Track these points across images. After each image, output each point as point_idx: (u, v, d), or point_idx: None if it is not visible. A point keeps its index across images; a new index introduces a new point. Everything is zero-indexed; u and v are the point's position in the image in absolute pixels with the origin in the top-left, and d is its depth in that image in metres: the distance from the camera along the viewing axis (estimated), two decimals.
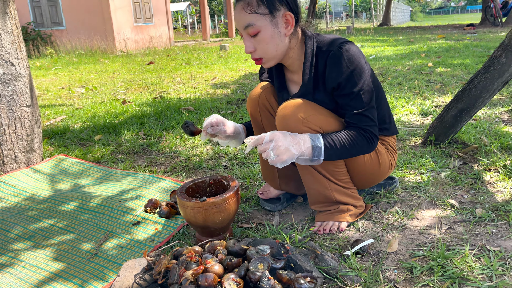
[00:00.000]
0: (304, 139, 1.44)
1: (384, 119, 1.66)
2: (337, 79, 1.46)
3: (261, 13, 1.42)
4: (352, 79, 1.45)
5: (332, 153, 1.47)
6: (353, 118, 1.49)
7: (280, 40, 1.47)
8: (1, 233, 1.77)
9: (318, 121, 1.50)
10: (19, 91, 2.30)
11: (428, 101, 3.53)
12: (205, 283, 1.07)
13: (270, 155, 1.38)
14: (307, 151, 1.43)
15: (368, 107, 1.48)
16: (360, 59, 1.47)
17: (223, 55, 9.30)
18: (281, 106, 1.54)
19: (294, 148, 1.41)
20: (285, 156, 1.40)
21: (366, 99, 1.48)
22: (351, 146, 1.48)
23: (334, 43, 1.47)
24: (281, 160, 1.40)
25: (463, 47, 7.35)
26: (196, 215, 1.48)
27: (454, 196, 1.82)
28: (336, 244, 1.54)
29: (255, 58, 1.51)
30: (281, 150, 1.39)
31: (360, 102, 1.47)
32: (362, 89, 1.46)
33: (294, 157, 1.42)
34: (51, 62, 9.21)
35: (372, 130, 1.50)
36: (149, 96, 4.74)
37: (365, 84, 1.47)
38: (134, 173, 2.29)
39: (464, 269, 1.31)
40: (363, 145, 1.49)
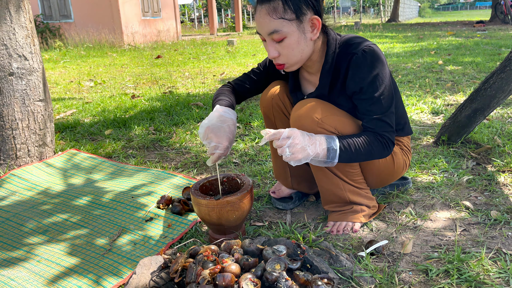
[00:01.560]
0: (321, 141, 1.42)
1: (399, 120, 1.65)
2: (360, 83, 1.43)
3: (288, 19, 1.36)
4: (374, 84, 1.42)
5: (347, 157, 1.45)
6: (371, 123, 1.47)
7: (305, 45, 1.43)
8: (16, 227, 1.79)
9: (334, 122, 1.49)
10: (32, 86, 2.30)
11: (439, 99, 3.51)
12: (223, 283, 1.07)
13: (286, 151, 1.37)
14: (322, 153, 1.42)
15: (387, 113, 1.46)
16: (383, 63, 1.44)
17: (230, 50, 9.27)
18: (296, 106, 1.53)
19: (310, 148, 1.40)
20: (300, 155, 1.39)
21: (386, 104, 1.45)
22: (366, 151, 1.46)
23: (357, 45, 1.44)
24: (296, 158, 1.39)
25: (473, 45, 7.27)
26: (211, 213, 1.48)
27: (468, 198, 1.81)
28: (349, 245, 1.53)
29: (278, 63, 1.46)
30: (297, 149, 1.38)
31: (380, 107, 1.45)
32: (383, 94, 1.44)
33: (308, 158, 1.40)
34: (59, 55, 9.23)
35: (389, 136, 1.48)
36: (158, 90, 4.75)
37: (386, 89, 1.45)
38: (146, 169, 2.30)
39: (480, 272, 1.30)
40: (378, 150, 1.47)
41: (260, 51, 8.89)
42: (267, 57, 1.71)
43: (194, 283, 1.07)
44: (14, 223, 1.82)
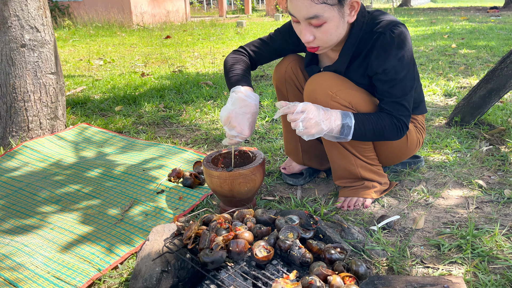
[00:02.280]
0: (336, 116, 1.40)
1: (415, 99, 1.62)
2: (384, 64, 1.39)
3: (330, 3, 1.29)
4: (398, 66, 1.38)
5: (360, 135, 1.43)
6: (389, 105, 1.44)
7: (343, 29, 1.38)
8: (29, 196, 1.81)
9: (348, 97, 1.47)
10: (44, 58, 2.30)
11: (452, 82, 3.46)
12: (236, 249, 1.07)
13: (299, 126, 1.34)
14: (336, 129, 1.40)
15: (406, 96, 1.43)
16: (410, 45, 1.40)
17: (240, 32, 9.19)
18: (310, 80, 1.51)
19: (325, 123, 1.37)
20: (314, 130, 1.37)
21: (407, 88, 1.42)
22: (379, 132, 1.44)
23: (386, 25, 1.38)
24: (309, 133, 1.37)
25: (487, 29, 7.14)
26: (222, 184, 1.48)
27: (482, 177, 1.79)
28: (360, 219, 1.53)
29: (311, 46, 1.40)
30: (311, 124, 1.35)
31: (400, 91, 1.42)
32: (405, 78, 1.40)
33: (322, 133, 1.38)
34: (68, 34, 9.21)
35: (405, 120, 1.45)
36: (168, 69, 4.73)
37: (409, 72, 1.41)
38: (157, 144, 2.31)
39: (493, 248, 1.29)
40: (391, 133, 1.45)
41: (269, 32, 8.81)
42: (287, 24, 1.65)
43: (208, 249, 1.08)
44: (27, 193, 1.83)
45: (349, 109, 1.47)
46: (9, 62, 2.21)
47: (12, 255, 1.40)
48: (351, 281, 0.99)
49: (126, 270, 1.34)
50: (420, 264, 1.26)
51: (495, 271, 1.21)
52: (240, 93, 1.48)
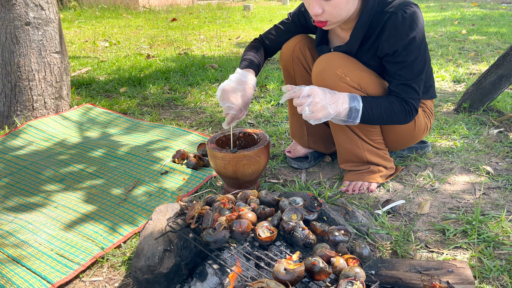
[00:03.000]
0: (343, 99, 1.37)
1: (425, 82, 1.59)
2: (395, 45, 1.36)
3: None
4: (409, 47, 1.35)
5: (368, 118, 1.41)
6: (398, 87, 1.42)
7: (353, 5, 1.35)
8: (33, 175, 1.81)
9: (357, 78, 1.44)
10: (48, 37, 2.28)
11: (462, 68, 3.40)
12: (239, 229, 1.07)
13: (305, 110, 1.32)
14: (344, 112, 1.37)
15: (417, 79, 1.40)
16: (422, 26, 1.36)
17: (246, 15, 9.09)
18: (319, 60, 1.48)
19: (332, 107, 1.35)
20: (320, 114, 1.34)
21: (418, 70, 1.39)
22: (388, 115, 1.41)
23: (398, 4, 1.34)
24: (316, 117, 1.34)
25: (498, 16, 7.00)
26: (227, 166, 1.47)
27: (489, 163, 1.77)
28: (365, 203, 1.52)
29: (320, 20, 1.37)
30: (317, 108, 1.33)
31: (410, 73, 1.39)
32: (416, 60, 1.37)
33: (329, 117, 1.36)
34: (74, 15, 9.15)
35: (414, 103, 1.42)
36: (173, 52, 4.69)
37: (420, 55, 1.37)
38: (161, 125, 2.29)
39: (499, 233, 1.28)
40: (401, 116, 1.43)
41: (276, 17, 8.70)
42: (299, 5, 1.65)
43: (211, 228, 1.07)
44: (32, 171, 1.84)
45: (358, 90, 1.44)
46: (13, 40, 2.20)
47: (16, 232, 1.40)
48: (354, 263, 0.98)
49: (129, 249, 1.35)
50: (424, 249, 1.25)
51: (500, 257, 1.19)
52: (236, 73, 1.52)
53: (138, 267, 1.10)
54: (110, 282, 1.22)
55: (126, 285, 1.20)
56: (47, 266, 1.25)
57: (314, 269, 0.94)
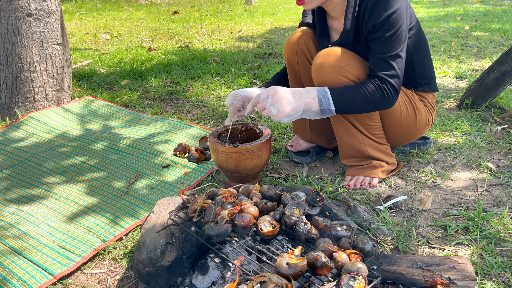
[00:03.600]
0: (308, 90, 1.37)
1: (425, 73, 1.59)
2: (374, 21, 1.37)
3: None
4: (386, 22, 1.36)
5: (344, 106, 1.38)
6: (375, 63, 1.40)
7: None
8: (35, 167, 1.80)
9: (356, 71, 1.44)
10: (50, 28, 2.27)
11: (464, 64, 3.39)
12: (241, 223, 1.06)
13: (271, 110, 1.31)
14: (313, 102, 1.35)
15: (393, 55, 1.38)
16: (401, 5, 1.36)
17: (248, 9, 9.04)
18: (318, 55, 1.49)
19: (296, 99, 1.34)
20: (288, 109, 1.32)
21: (395, 47, 1.38)
22: (363, 97, 1.38)
23: None
24: (284, 114, 1.32)
25: (501, 13, 6.97)
26: (228, 160, 1.47)
27: (491, 160, 1.76)
28: (367, 199, 1.52)
29: None
30: (282, 104, 1.32)
31: (387, 48, 1.38)
32: (393, 36, 1.37)
33: (298, 109, 1.34)
34: (75, 7, 9.11)
35: (391, 80, 1.38)
36: (175, 45, 4.67)
37: (399, 31, 1.37)
38: (163, 119, 2.29)
39: (501, 230, 1.28)
40: (378, 98, 1.38)
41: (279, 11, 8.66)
42: None
43: (213, 222, 1.07)
44: (33, 163, 1.83)
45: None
46: (15, 32, 2.19)
47: (17, 224, 1.40)
48: (356, 258, 0.98)
49: (130, 241, 1.35)
50: (426, 245, 1.25)
51: (502, 253, 1.19)
52: None
53: (139, 260, 1.10)
54: (111, 275, 1.22)
55: (128, 277, 1.21)
56: (48, 258, 1.25)
57: (316, 264, 0.94)
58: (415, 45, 1.51)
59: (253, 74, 3.22)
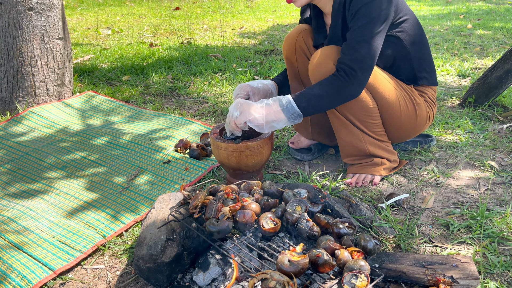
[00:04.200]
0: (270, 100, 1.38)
1: (424, 66, 1.57)
2: (352, 10, 1.36)
3: None
4: (360, 12, 1.34)
5: (310, 103, 1.36)
6: (343, 49, 1.38)
7: None
8: (35, 162, 1.80)
9: None
10: (51, 22, 2.25)
11: (467, 63, 3.37)
12: (243, 220, 1.06)
13: (233, 113, 1.34)
14: (275, 105, 1.35)
15: (361, 42, 1.34)
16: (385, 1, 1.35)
17: (250, 5, 9.01)
18: (314, 54, 1.49)
19: (257, 104, 1.36)
20: (251, 110, 1.34)
21: (366, 35, 1.34)
22: (328, 91, 1.36)
23: None
24: (248, 116, 1.33)
25: (504, 11, 6.94)
26: (230, 156, 1.46)
27: (494, 158, 1.75)
28: (369, 197, 1.51)
29: None
30: (244, 107, 1.35)
31: (357, 35, 1.35)
32: (365, 25, 1.34)
33: (261, 113, 1.34)
34: (77, 2, 9.09)
35: (352, 65, 1.34)
36: (176, 41, 4.66)
37: (371, 22, 1.34)
38: (164, 114, 2.28)
39: (504, 229, 1.27)
40: (343, 86, 1.35)
41: (281, 7, 8.64)
42: None
43: (214, 218, 1.06)
44: (34, 158, 1.83)
45: None
46: (16, 26, 2.17)
47: (18, 218, 1.39)
48: (359, 256, 0.98)
49: (130, 237, 1.34)
50: (428, 243, 1.25)
51: (505, 253, 1.18)
52: None
53: (140, 255, 1.10)
54: (111, 270, 1.22)
55: (128, 273, 1.20)
56: (48, 253, 1.24)
57: (318, 261, 0.94)
58: (410, 38, 1.50)
59: (255, 71, 3.21)
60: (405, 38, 1.48)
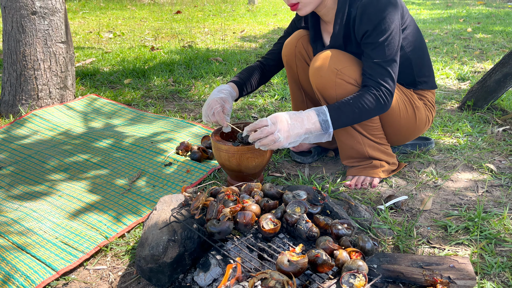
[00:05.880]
0: (309, 115, 1.36)
1: (423, 71, 1.60)
2: (366, 27, 1.38)
3: None
4: (379, 28, 1.37)
5: (343, 122, 1.39)
6: (370, 68, 1.41)
7: None
8: (38, 164, 1.82)
9: (353, 73, 1.45)
10: (54, 26, 2.28)
11: (467, 66, 3.39)
12: (243, 221, 1.07)
13: (278, 137, 1.30)
14: (314, 127, 1.35)
15: (388, 59, 1.39)
16: (393, 9, 1.37)
17: (251, 9, 9.06)
18: (315, 58, 1.50)
19: (298, 126, 1.34)
20: (292, 136, 1.33)
21: (389, 51, 1.39)
22: (361, 110, 1.38)
23: None
24: (289, 141, 1.33)
25: (504, 15, 6.97)
26: (231, 158, 1.47)
27: (492, 161, 1.77)
28: (368, 198, 1.53)
29: (292, 3, 1.42)
30: (285, 130, 1.31)
31: (381, 53, 1.39)
32: (387, 40, 1.38)
33: (301, 135, 1.35)
34: (78, 6, 9.14)
35: (386, 85, 1.39)
36: (178, 44, 4.69)
37: (391, 36, 1.38)
38: (165, 117, 2.30)
39: (501, 231, 1.29)
40: (375, 106, 1.39)
41: (281, 11, 8.67)
42: (291, 21, 1.75)
43: (215, 219, 1.08)
44: (37, 160, 1.85)
45: (355, 86, 1.46)
46: (19, 29, 2.20)
47: (21, 220, 1.41)
48: (357, 256, 0.99)
49: (132, 238, 1.36)
50: (426, 244, 1.26)
51: (501, 254, 1.20)
52: None
53: (142, 256, 1.11)
54: (113, 271, 1.24)
55: (130, 274, 1.22)
56: (51, 254, 1.26)
57: (317, 261, 0.95)
58: (411, 44, 1.52)
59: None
60: (406, 45, 1.50)
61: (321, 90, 1.50)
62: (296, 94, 1.81)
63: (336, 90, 1.46)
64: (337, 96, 1.47)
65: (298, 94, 1.81)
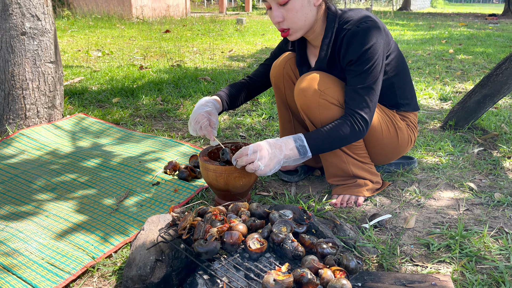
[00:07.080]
0: (287, 142, 1.44)
1: (405, 94, 1.66)
2: (350, 57, 1.45)
3: None
4: (362, 58, 1.43)
5: (319, 147, 1.46)
6: (348, 96, 1.48)
7: (309, 10, 1.46)
8: (25, 184, 1.81)
9: (336, 93, 1.51)
10: (44, 47, 2.30)
11: (448, 86, 3.49)
12: (230, 240, 1.09)
13: (259, 165, 1.38)
14: (291, 153, 1.43)
15: (367, 87, 1.46)
16: (376, 39, 1.44)
17: (239, 29, 9.19)
18: (299, 79, 1.56)
19: (277, 153, 1.42)
20: (273, 164, 1.41)
21: (369, 79, 1.45)
22: (337, 136, 1.46)
23: (354, 22, 1.45)
24: (270, 168, 1.41)
25: (485, 36, 7.20)
26: (218, 178, 1.50)
27: (473, 180, 1.82)
28: (353, 217, 1.56)
29: (282, 28, 1.49)
30: (268, 159, 1.40)
31: (361, 80, 1.46)
32: (369, 70, 1.45)
33: (280, 161, 1.43)
34: (67, 24, 9.17)
35: (362, 113, 1.46)
36: (166, 63, 4.73)
37: (374, 65, 1.45)
38: (154, 136, 2.32)
39: (481, 248, 1.32)
40: (351, 133, 1.46)
41: (269, 31, 8.82)
42: (278, 44, 1.80)
43: (202, 239, 1.09)
44: (23, 180, 1.84)
45: (337, 106, 1.51)
46: (8, 50, 2.22)
47: (7, 240, 1.41)
48: (341, 275, 1.02)
49: (120, 259, 1.36)
50: (409, 262, 1.29)
51: (482, 271, 1.23)
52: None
53: (129, 276, 1.12)
54: None
55: None
56: (37, 275, 1.25)
57: (303, 280, 0.97)
58: (395, 69, 1.58)
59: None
60: (390, 70, 1.57)
61: (305, 110, 1.54)
62: (284, 113, 1.85)
63: (320, 110, 1.51)
64: (320, 116, 1.51)
65: (285, 114, 1.85)
